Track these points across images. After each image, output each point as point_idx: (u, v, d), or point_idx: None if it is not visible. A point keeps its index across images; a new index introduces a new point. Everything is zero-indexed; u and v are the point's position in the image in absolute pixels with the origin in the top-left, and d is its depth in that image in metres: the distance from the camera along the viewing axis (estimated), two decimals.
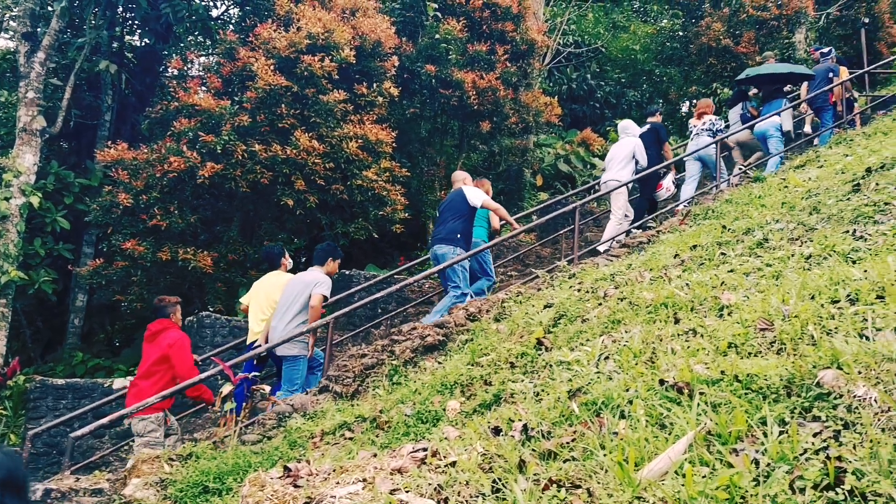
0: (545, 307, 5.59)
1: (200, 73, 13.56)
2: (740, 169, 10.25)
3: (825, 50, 11.32)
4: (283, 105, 9.86)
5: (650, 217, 9.16)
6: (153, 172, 9.93)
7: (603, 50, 20.01)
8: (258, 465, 4.61)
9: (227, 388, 5.34)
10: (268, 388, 5.73)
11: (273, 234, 10.86)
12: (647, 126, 9.55)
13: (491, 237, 8.39)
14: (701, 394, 2.56)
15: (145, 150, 10.33)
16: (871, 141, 7.60)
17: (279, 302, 6.99)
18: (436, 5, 12.35)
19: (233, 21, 14.68)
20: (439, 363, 5.68)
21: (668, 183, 9.34)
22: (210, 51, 14.73)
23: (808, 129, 10.86)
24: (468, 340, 5.99)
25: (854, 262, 3.70)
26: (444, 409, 4.28)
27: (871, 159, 5.92)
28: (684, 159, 10.25)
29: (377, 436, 4.50)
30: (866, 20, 18.74)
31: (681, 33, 20.33)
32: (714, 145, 9.59)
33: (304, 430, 5.13)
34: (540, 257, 11.42)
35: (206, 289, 10.52)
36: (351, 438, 4.69)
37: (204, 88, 11.14)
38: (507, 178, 15.40)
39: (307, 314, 6.80)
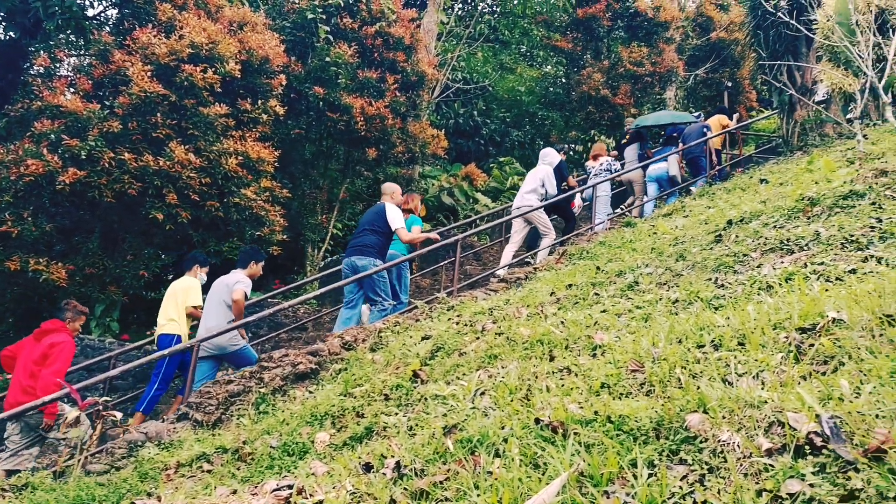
0: (423, 339, 5.53)
1: (69, 74, 12.68)
2: (627, 205, 11.43)
3: (697, 113, 13.08)
4: (158, 114, 9.35)
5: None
6: (7, 175, 9.11)
7: (490, 89, 20.59)
8: (103, 500, 4.23)
9: (73, 414, 4.91)
10: (119, 415, 5.30)
11: (138, 248, 10.21)
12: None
13: (411, 251, 8.46)
14: (575, 434, 2.56)
15: (0, 151, 9.48)
16: (731, 196, 8.17)
17: (206, 306, 7.28)
18: (328, 28, 12.22)
19: (110, 22, 13.86)
20: (310, 392, 5.49)
21: (578, 201, 10.74)
22: (82, 51, 13.81)
23: (675, 172, 11.73)
24: (342, 370, 5.83)
25: (716, 309, 3.88)
26: (312, 442, 4.11)
27: (732, 213, 6.33)
28: (584, 197, 11.12)
29: (239, 469, 4.25)
30: (729, 84, 20.43)
31: (563, 80, 21.27)
32: (608, 184, 10.76)
33: (158, 461, 4.78)
34: (420, 287, 11.40)
35: (59, 304, 9.69)
36: (210, 471, 4.41)
37: (72, 90, 10.41)
38: None
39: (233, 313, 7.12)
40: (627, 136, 12.35)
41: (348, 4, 12.57)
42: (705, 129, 11.57)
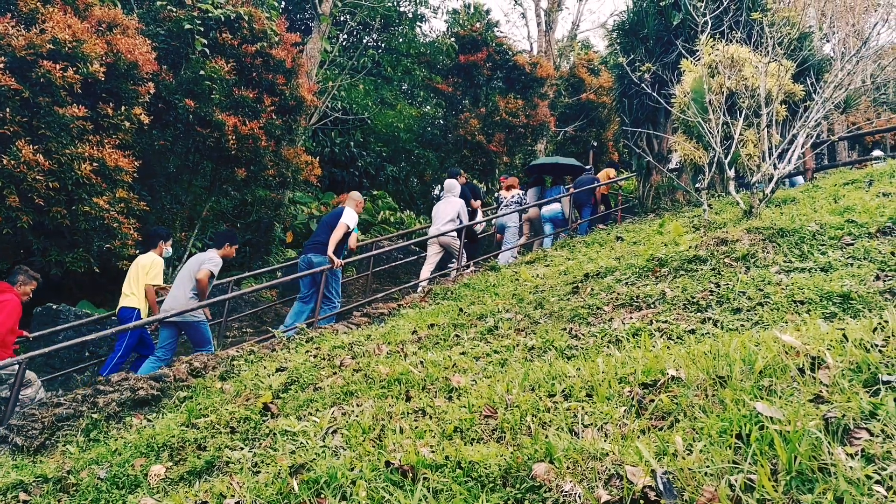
0: (278, 370, 5.36)
1: None
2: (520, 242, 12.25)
3: (588, 167, 14.64)
4: (7, 109, 8.59)
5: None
6: None
7: (369, 122, 20.64)
8: None
9: None
10: None
11: None
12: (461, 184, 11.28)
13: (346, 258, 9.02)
14: (424, 478, 2.54)
15: None
16: (590, 249, 8.59)
17: (178, 275, 7.89)
18: (205, 41, 11.80)
19: None
20: (149, 421, 5.15)
21: (478, 228, 11.51)
22: None
23: (567, 213, 12.87)
24: (187, 398, 5.52)
25: (569, 359, 4.03)
26: (145, 475, 3.84)
27: (589, 266, 6.65)
28: (494, 223, 12.18)
29: (60, 501, 3.92)
30: (595, 143, 21.71)
31: (442, 121, 21.74)
32: (517, 215, 11.91)
33: None
34: (279, 315, 11.07)
35: None
36: (26, 502, 4.02)
37: None
38: (256, 229, 14.92)
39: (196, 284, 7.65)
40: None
41: (229, 20, 12.21)
42: (595, 183, 12.96)
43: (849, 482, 1.85)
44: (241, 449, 3.75)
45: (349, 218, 8.57)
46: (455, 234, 10.35)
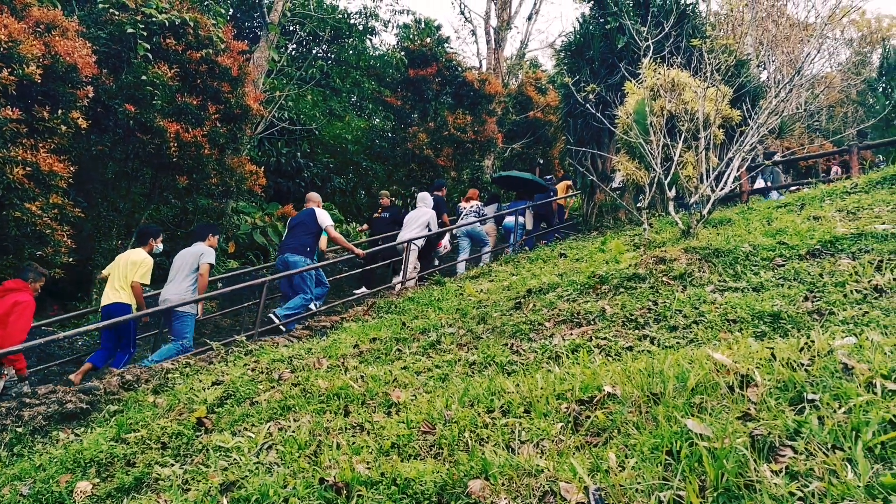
0: (214, 384, 5.23)
1: None
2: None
3: (548, 177, 15.62)
4: None
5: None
6: None
7: (317, 133, 20.45)
8: None
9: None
10: None
11: None
12: (435, 196, 11.74)
13: (320, 258, 9.37)
14: (359, 496, 2.51)
15: None
16: (533, 265, 8.67)
17: (171, 269, 8.13)
18: (148, 46, 11.52)
19: None
20: (77, 435, 4.97)
21: (445, 241, 11.90)
22: None
23: (529, 226, 13.28)
24: (118, 412, 5.34)
25: (509, 374, 4.04)
26: (70, 492, 3.70)
27: (532, 282, 6.71)
28: (456, 233, 12.28)
29: None
30: (541, 161, 22.00)
31: (390, 135, 21.69)
32: (480, 223, 12.14)
33: None
34: (218, 327, 10.84)
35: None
36: None
37: None
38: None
39: (195, 278, 7.91)
40: (380, 210, 13.29)
41: (174, 25, 11.96)
42: (551, 193, 13.68)
43: (773, 499, 1.89)
44: (172, 465, 3.64)
45: (325, 216, 8.99)
46: (417, 243, 10.54)
